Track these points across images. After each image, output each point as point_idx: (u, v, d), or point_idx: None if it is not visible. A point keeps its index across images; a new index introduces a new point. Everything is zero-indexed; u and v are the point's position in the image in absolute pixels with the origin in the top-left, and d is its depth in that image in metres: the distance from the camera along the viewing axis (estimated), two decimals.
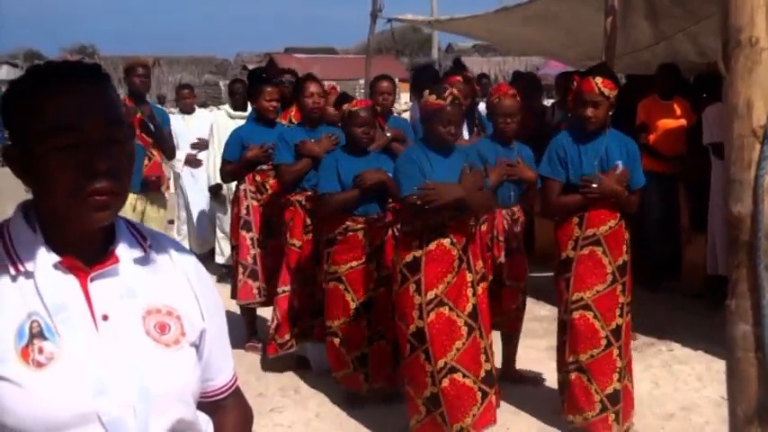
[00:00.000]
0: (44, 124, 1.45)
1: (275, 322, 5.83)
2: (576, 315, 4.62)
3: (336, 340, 5.22)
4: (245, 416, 1.82)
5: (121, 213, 1.57)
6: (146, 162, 6.65)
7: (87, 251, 1.51)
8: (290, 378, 5.79)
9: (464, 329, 4.34)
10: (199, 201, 9.11)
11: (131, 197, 6.53)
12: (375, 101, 6.01)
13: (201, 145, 8.79)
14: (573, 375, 4.67)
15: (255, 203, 6.25)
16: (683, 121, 7.58)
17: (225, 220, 8.41)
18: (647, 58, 8.70)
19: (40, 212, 1.51)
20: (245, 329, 6.42)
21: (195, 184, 8.98)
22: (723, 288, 7.41)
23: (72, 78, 1.50)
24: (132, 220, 1.68)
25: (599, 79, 4.60)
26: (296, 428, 5.07)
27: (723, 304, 2.09)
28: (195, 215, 9.18)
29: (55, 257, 1.48)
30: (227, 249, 8.45)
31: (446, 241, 4.35)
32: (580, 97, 4.64)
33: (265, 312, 6.50)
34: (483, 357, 4.42)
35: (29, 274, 1.47)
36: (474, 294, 4.42)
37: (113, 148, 1.48)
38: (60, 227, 1.50)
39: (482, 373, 4.40)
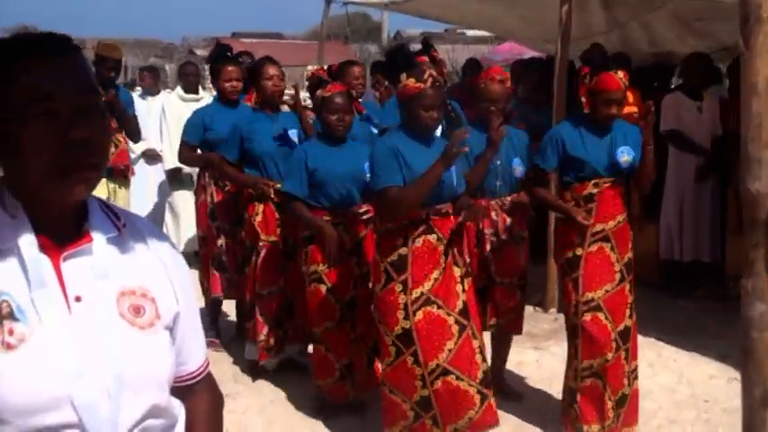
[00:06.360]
0: (15, 96, 1.40)
1: (266, 327, 5.32)
2: (587, 317, 4.36)
3: (322, 347, 4.82)
4: (217, 401, 1.78)
5: (95, 193, 1.51)
6: (112, 150, 6.31)
7: (60, 230, 1.45)
8: (244, 366, 5.70)
9: (455, 328, 4.02)
10: (145, 191, 8.68)
11: (102, 180, 6.11)
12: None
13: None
14: (588, 381, 4.39)
15: (216, 188, 5.92)
16: (635, 110, 7.65)
17: (177, 203, 8.21)
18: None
19: (11, 190, 1.45)
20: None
21: (141, 173, 8.45)
22: (678, 274, 7.39)
23: (40, 49, 1.45)
24: (105, 200, 1.62)
25: (621, 73, 4.30)
26: (249, 414, 5.01)
27: (688, 291, 2.03)
28: (139, 205, 8.80)
29: (28, 237, 1.42)
30: (173, 236, 8.12)
31: (432, 237, 4.04)
32: (604, 96, 4.28)
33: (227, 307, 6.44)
34: (479, 358, 4.09)
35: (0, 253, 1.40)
36: (463, 291, 4.11)
37: (89, 117, 1.42)
38: (34, 205, 1.43)
39: (479, 375, 4.07)
